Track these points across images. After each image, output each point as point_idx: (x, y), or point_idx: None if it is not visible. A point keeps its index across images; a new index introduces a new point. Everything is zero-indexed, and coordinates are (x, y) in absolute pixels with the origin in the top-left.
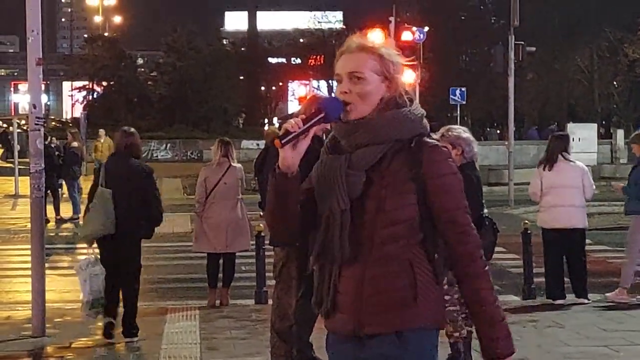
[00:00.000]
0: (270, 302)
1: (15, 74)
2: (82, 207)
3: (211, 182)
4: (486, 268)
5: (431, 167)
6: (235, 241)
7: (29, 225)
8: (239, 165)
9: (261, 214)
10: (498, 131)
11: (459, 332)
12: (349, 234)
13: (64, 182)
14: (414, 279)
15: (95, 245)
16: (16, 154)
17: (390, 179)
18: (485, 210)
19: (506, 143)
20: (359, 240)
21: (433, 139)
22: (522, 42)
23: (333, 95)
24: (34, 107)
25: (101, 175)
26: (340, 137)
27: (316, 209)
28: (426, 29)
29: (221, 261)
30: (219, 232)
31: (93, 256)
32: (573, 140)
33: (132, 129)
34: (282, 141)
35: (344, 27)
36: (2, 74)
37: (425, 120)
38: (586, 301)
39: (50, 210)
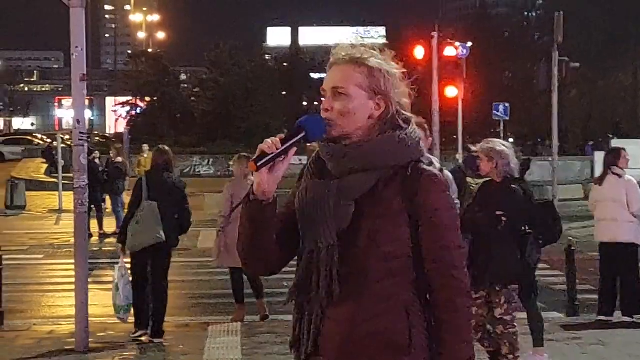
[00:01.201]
0: None
1: (60, 89)
2: None
3: (237, 198)
4: (470, 320)
5: (426, 198)
6: None
7: (72, 240)
8: None
9: None
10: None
11: (513, 355)
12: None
13: (107, 197)
14: (408, 322)
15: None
16: (60, 169)
17: (383, 209)
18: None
19: (550, 159)
20: (348, 278)
21: (430, 166)
22: (566, 59)
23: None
24: (78, 122)
25: (144, 189)
26: (327, 160)
27: (295, 237)
28: (469, 44)
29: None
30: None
31: (124, 266)
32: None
33: (167, 148)
34: (258, 164)
35: (387, 42)
36: (47, 89)
37: (422, 145)
38: (631, 319)
39: (93, 225)
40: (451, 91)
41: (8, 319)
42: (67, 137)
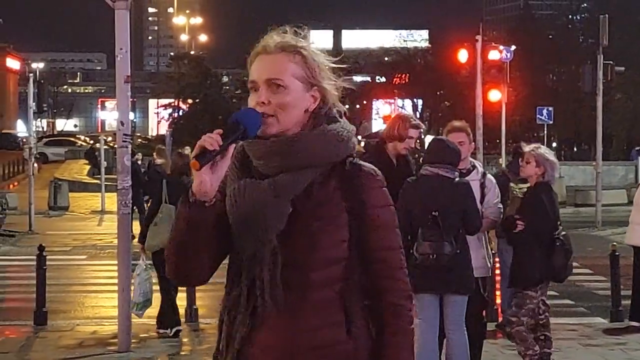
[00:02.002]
0: None
1: (103, 91)
2: None
3: None
4: (412, 326)
5: (368, 196)
6: None
7: (115, 241)
8: None
9: None
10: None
11: (532, 350)
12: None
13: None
14: (352, 331)
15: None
16: (103, 170)
17: (321, 210)
18: (560, 229)
19: (594, 164)
20: (288, 285)
21: (365, 162)
22: (611, 62)
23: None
24: (122, 124)
25: (164, 192)
26: (255, 158)
27: (224, 243)
28: (513, 47)
29: None
30: None
31: (144, 264)
32: None
33: (187, 151)
34: (201, 162)
35: (430, 45)
36: (90, 91)
37: (354, 139)
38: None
39: (135, 226)
40: (494, 95)
41: (51, 319)
42: (109, 138)
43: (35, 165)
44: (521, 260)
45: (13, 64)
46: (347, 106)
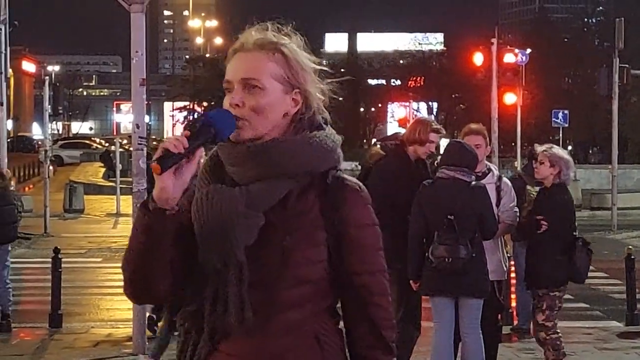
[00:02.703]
0: None
1: (118, 93)
2: None
3: None
4: (394, 358)
5: (351, 213)
6: None
7: None
8: None
9: None
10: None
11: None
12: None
13: None
14: (322, 356)
15: None
16: (118, 173)
17: (297, 224)
18: (575, 234)
19: (610, 167)
20: (255, 305)
21: (349, 176)
22: (627, 65)
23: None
24: (137, 126)
25: None
26: (228, 164)
27: (188, 257)
28: (528, 51)
29: None
30: None
31: None
32: None
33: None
34: (162, 165)
35: (445, 48)
36: (105, 93)
37: (340, 150)
38: None
39: None
40: (510, 98)
41: (67, 321)
42: (124, 141)
43: (51, 167)
44: (544, 262)
45: (29, 67)
46: (362, 109)
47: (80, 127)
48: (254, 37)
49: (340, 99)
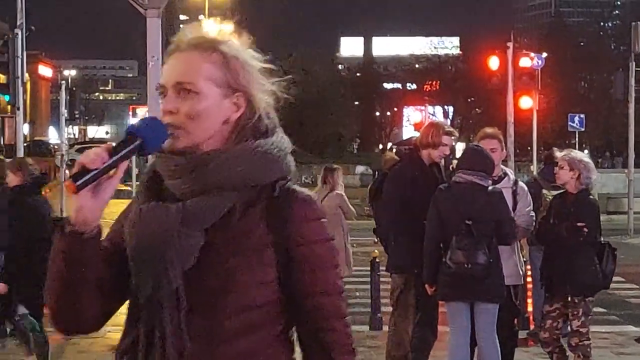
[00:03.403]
0: (385, 328)
1: (134, 98)
2: None
3: None
4: None
5: (301, 228)
6: None
7: None
8: (339, 192)
9: (375, 240)
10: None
11: None
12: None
13: None
14: None
15: None
16: (134, 177)
17: (242, 243)
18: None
19: (626, 171)
20: (195, 335)
21: (300, 188)
22: None
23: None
24: None
25: None
26: (166, 177)
27: (121, 282)
28: (544, 55)
29: None
30: None
31: None
32: None
33: None
34: (77, 183)
35: (461, 52)
36: (121, 98)
37: (290, 158)
38: None
39: None
40: (526, 102)
41: None
42: None
43: (67, 172)
44: (584, 268)
45: (45, 71)
46: (377, 113)
47: (96, 132)
48: (189, 36)
49: (356, 102)
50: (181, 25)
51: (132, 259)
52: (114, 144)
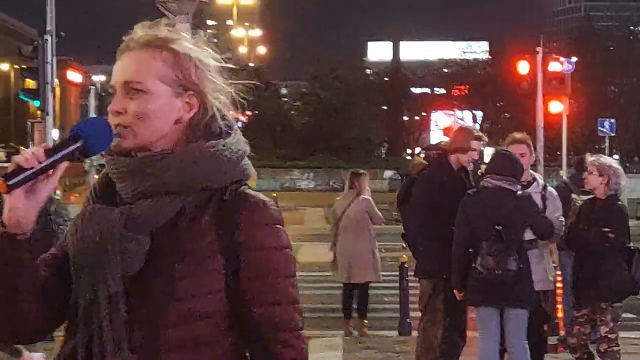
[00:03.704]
0: (414, 333)
1: None
2: None
3: (338, 214)
4: None
5: (249, 233)
6: (360, 272)
7: None
8: (366, 197)
9: (403, 245)
10: None
11: None
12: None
13: None
14: None
15: None
16: None
17: (189, 249)
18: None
19: None
20: (136, 346)
21: (255, 190)
22: None
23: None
24: None
25: None
26: (115, 179)
27: (69, 289)
28: (574, 59)
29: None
30: (342, 262)
31: None
32: None
33: None
34: (9, 182)
35: (490, 57)
36: None
37: (246, 161)
38: None
39: None
40: (555, 107)
41: None
42: None
43: (96, 176)
44: (613, 274)
45: (74, 76)
46: (405, 118)
47: None
48: (140, 35)
49: (384, 107)
50: (208, 31)
51: (72, 264)
52: (53, 144)
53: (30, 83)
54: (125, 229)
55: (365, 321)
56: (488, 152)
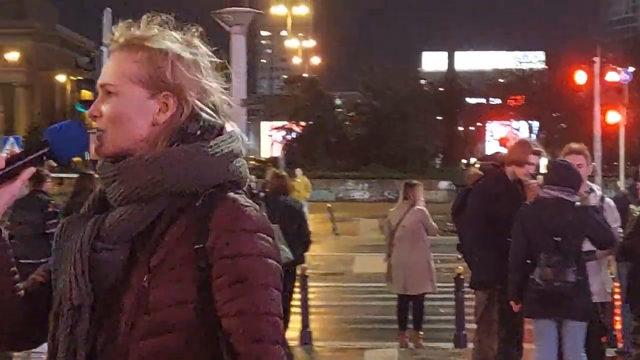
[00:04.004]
0: (469, 345)
1: None
2: None
3: (392, 225)
4: None
5: (221, 239)
6: (416, 283)
7: None
8: (421, 207)
9: (459, 256)
10: None
11: None
12: (96, 345)
13: None
14: None
15: None
16: None
17: (162, 258)
18: None
19: None
20: (109, 355)
21: (239, 193)
22: None
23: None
24: None
25: (264, 213)
26: (102, 185)
27: (42, 295)
28: (631, 69)
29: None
30: (398, 274)
31: None
32: None
33: (284, 173)
34: None
35: (546, 67)
36: None
37: (238, 163)
38: None
39: None
40: (613, 117)
41: None
42: None
43: None
44: None
45: None
46: (460, 128)
47: None
48: (117, 36)
49: (439, 117)
50: (262, 42)
51: (52, 274)
52: (21, 150)
53: (87, 94)
54: (97, 239)
55: (421, 332)
56: (543, 163)
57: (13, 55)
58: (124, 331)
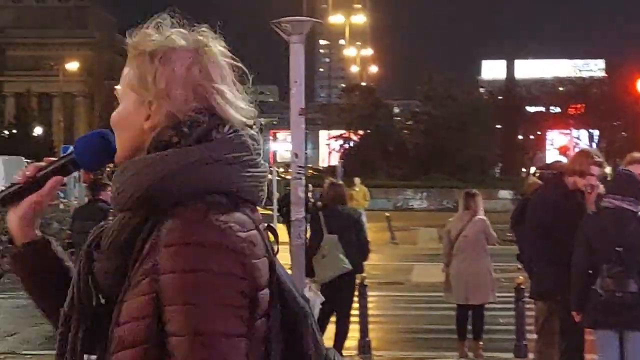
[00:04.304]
0: (530, 356)
1: (274, 122)
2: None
3: (453, 235)
4: None
5: (161, 254)
6: (478, 293)
7: (289, 272)
8: (482, 217)
9: (519, 266)
10: None
11: None
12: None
13: None
14: None
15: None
16: (275, 201)
17: (135, 270)
18: None
19: None
20: None
21: (203, 207)
22: None
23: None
24: (296, 156)
25: (322, 223)
26: None
27: None
28: None
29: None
30: (458, 283)
31: (311, 288)
32: None
33: (340, 182)
34: (4, 197)
35: (606, 75)
36: (262, 122)
37: (224, 172)
38: None
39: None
40: None
41: None
42: (281, 169)
43: None
44: None
45: None
46: (520, 137)
47: None
48: (128, 42)
49: (498, 126)
50: (321, 50)
51: None
52: (51, 159)
53: None
54: (94, 247)
55: (481, 343)
56: (607, 172)
57: (73, 65)
58: (105, 345)
